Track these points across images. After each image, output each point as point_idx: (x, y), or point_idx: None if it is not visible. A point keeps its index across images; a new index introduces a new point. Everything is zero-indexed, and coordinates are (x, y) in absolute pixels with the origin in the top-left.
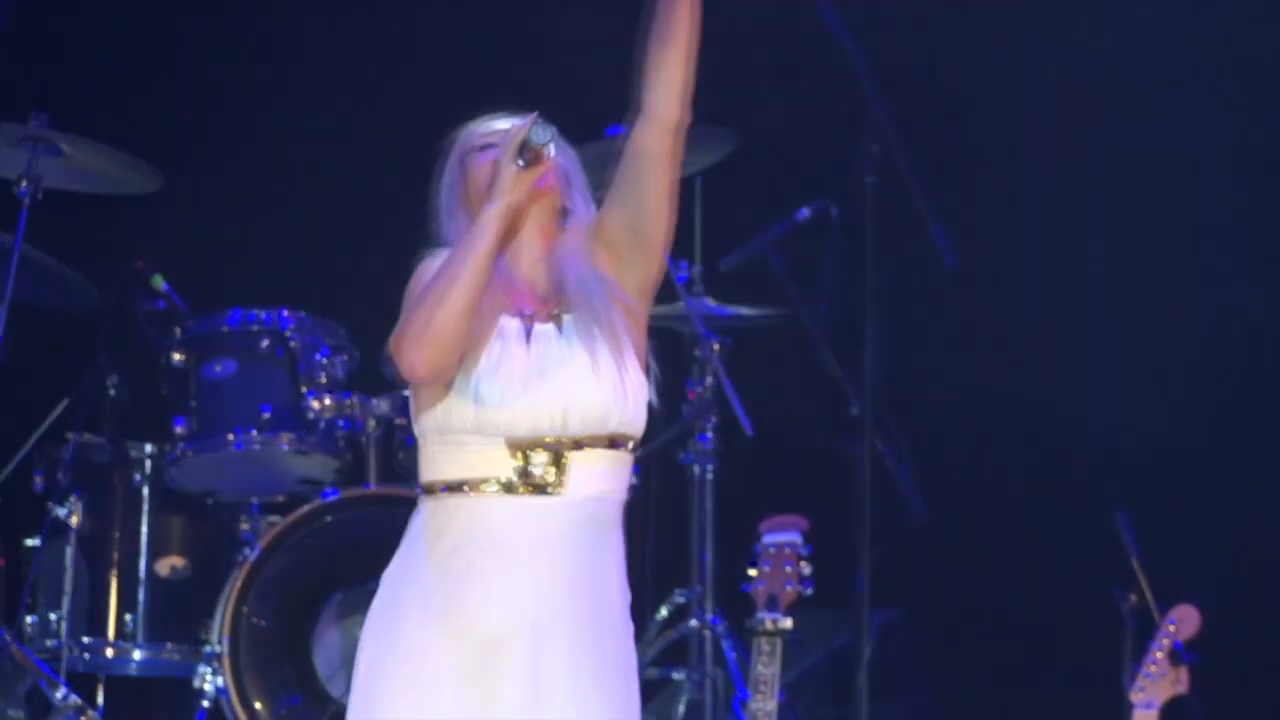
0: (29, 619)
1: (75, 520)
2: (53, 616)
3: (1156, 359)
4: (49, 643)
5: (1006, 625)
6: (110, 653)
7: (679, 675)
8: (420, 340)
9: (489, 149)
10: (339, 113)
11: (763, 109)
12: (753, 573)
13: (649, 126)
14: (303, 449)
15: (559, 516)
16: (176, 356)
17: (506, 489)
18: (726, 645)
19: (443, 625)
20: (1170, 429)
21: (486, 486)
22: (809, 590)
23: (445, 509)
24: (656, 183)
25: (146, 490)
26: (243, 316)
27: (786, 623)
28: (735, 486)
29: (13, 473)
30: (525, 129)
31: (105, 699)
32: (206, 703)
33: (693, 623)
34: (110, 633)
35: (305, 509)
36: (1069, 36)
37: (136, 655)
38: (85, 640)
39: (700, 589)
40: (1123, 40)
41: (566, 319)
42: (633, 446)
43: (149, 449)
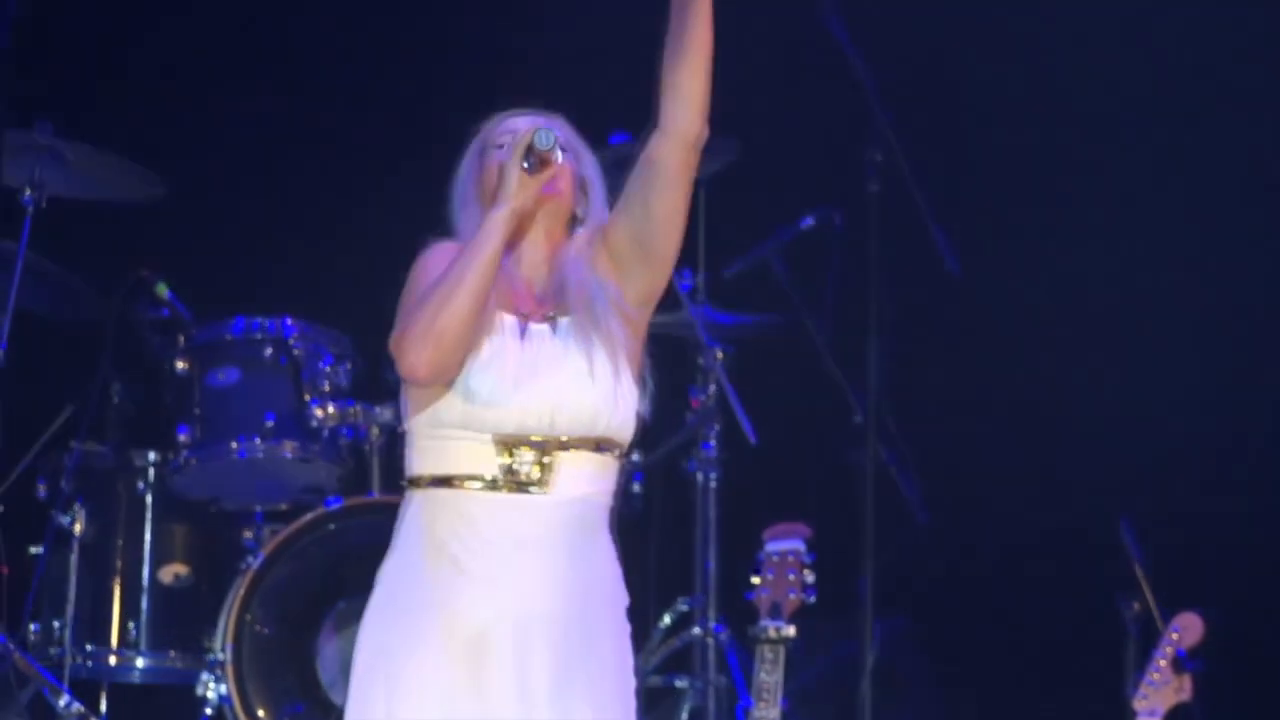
0: (32, 626)
1: (78, 528)
2: (56, 624)
3: (1160, 367)
4: (52, 650)
5: (1010, 633)
6: (113, 660)
7: (682, 683)
8: (423, 342)
9: (504, 148)
10: (344, 120)
11: (766, 117)
12: (756, 580)
13: (665, 139)
14: (306, 457)
15: (544, 516)
16: (180, 364)
17: (492, 486)
18: (730, 653)
19: (434, 625)
20: (1174, 437)
21: (472, 483)
22: (812, 598)
23: (432, 504)
24: (668, 196)
25: (150, 498)
26: (246, 325)
27: (789, 630)
28: (738, 494)
29: (16, 480)
30: (529, 134)
31: (108, 707)
32: (209, 710)
33: (696, 630)
34: (113, 640)
35: (308, 517)
36: (1072, 42)
37: (140, 663)
38: (88, 648)
39: (703, 596)
40: (1126, 43)
41: (563, 321)
42: (619, 453)
43: (152, 457)
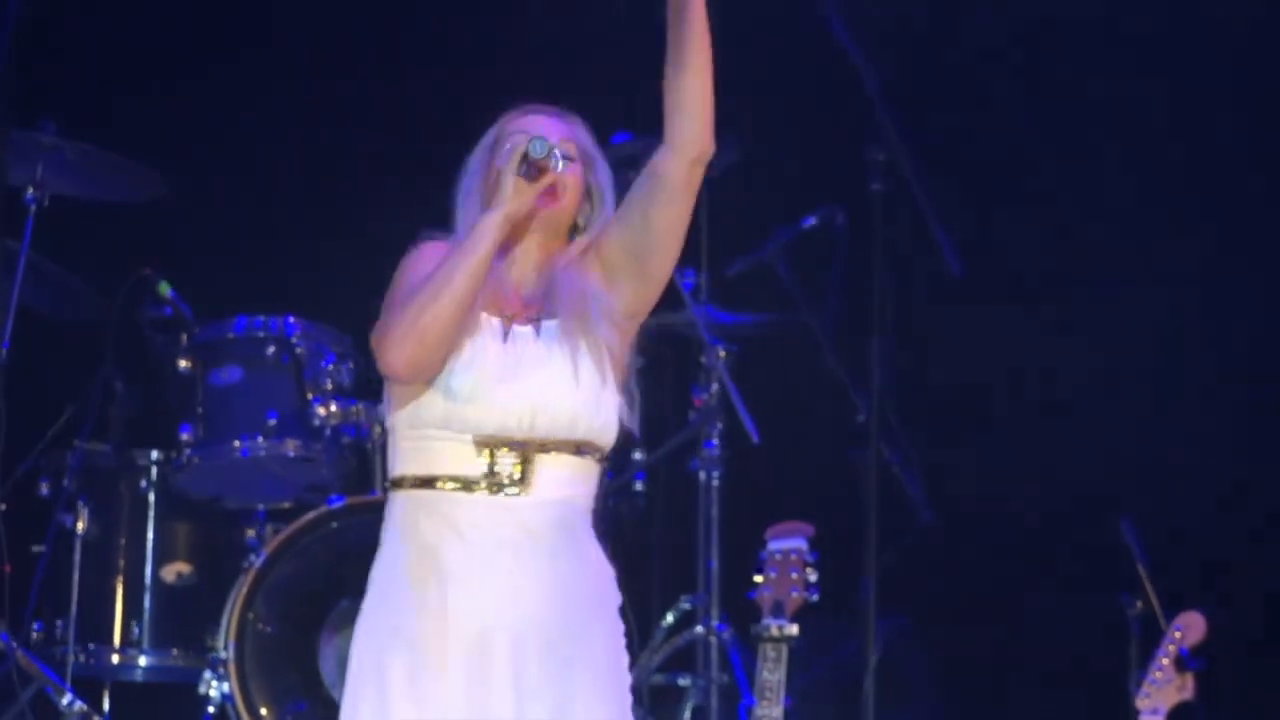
0: (35, 625)
1: (81, 527)
2: (59, 623)
3: (1164, 364)
4: (55, 649)
5: (1013, 632)
6: (116, 659)
7: (685, 681)
8: (405, 340)
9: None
10: (346, 118)
11: (769, 116)
12: (759, 579)
13: (671, 155)
14: (308, 455)
15: (524, 517)
16: (182, 363)
17: (473, 487)
18: (732, 651)
19: (424, 628)
20: (1176, 435)
21: (453, 484)
22: (815, 597)
23: (415, 506)
24: (669, 211)
25: (152, 497)
26: (248, 323)
27: (792, 629)
28: (741, 493)
29: (19, 479)
30: (525, 142)
31: (111, 705)
32: (212, 709)
33: (699, 629)
34: (116, 639)
35: (311, 515)
36: (1077, 42)
37: (142, 661)
38: (91, 646)
39: (706, 595)
40: (1131, 44)
41: (547, 324)
42: (600, 457)
43: (155, 455)
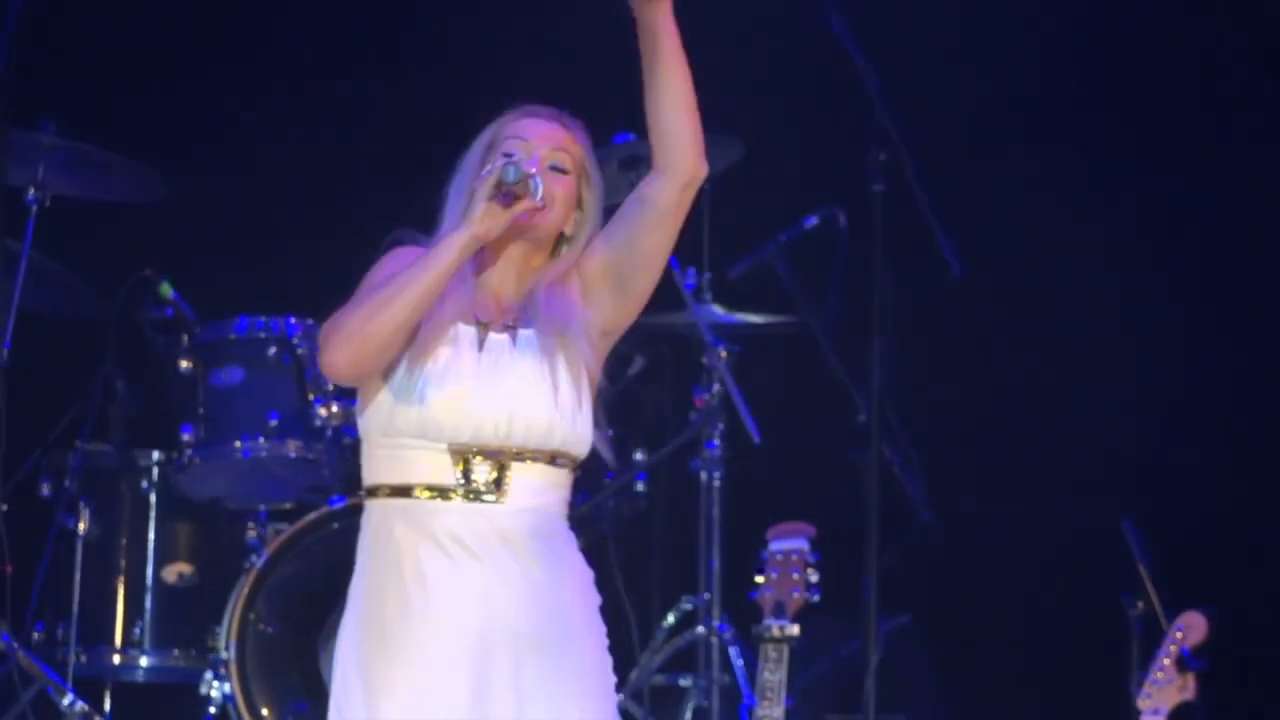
0: (36, 626)
1: (82, 527)
2: (60, 623)
3: (1164, 364)
4: (56, 650)
5: (1014, 632)
6: (117, 659)
7: (686, 682)
8: (348, 342)
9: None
10: (347, 118)
11: (770, 116)
12: (760, 579)
13: (660, 179)
14: (310, 456)
15: (501, 525)
16: (184, 364)
17: (448, 495)
18: (734, 652)
19: (406, 638)
20: (1177, 435)
21: (429, 493)
22: (816, 597)
23: (390, 514)
24: (656, 235)
25: (154, 497)
26: (250, 324)
27: (793, 629)
28: (742, 493)
29: (20, 480)
30: (500, 169)
31: (112, 706)
32: (213, 709)
33: (700, 629)
34: (117, 639)
35: (312, 516)
36: (1078, 43)
37: (143, 662)
38: (92, 647)
39: (707, 596)
40: (1132, 46)
41: (523, 333)
42: (574, 466)
43: (156, 456)
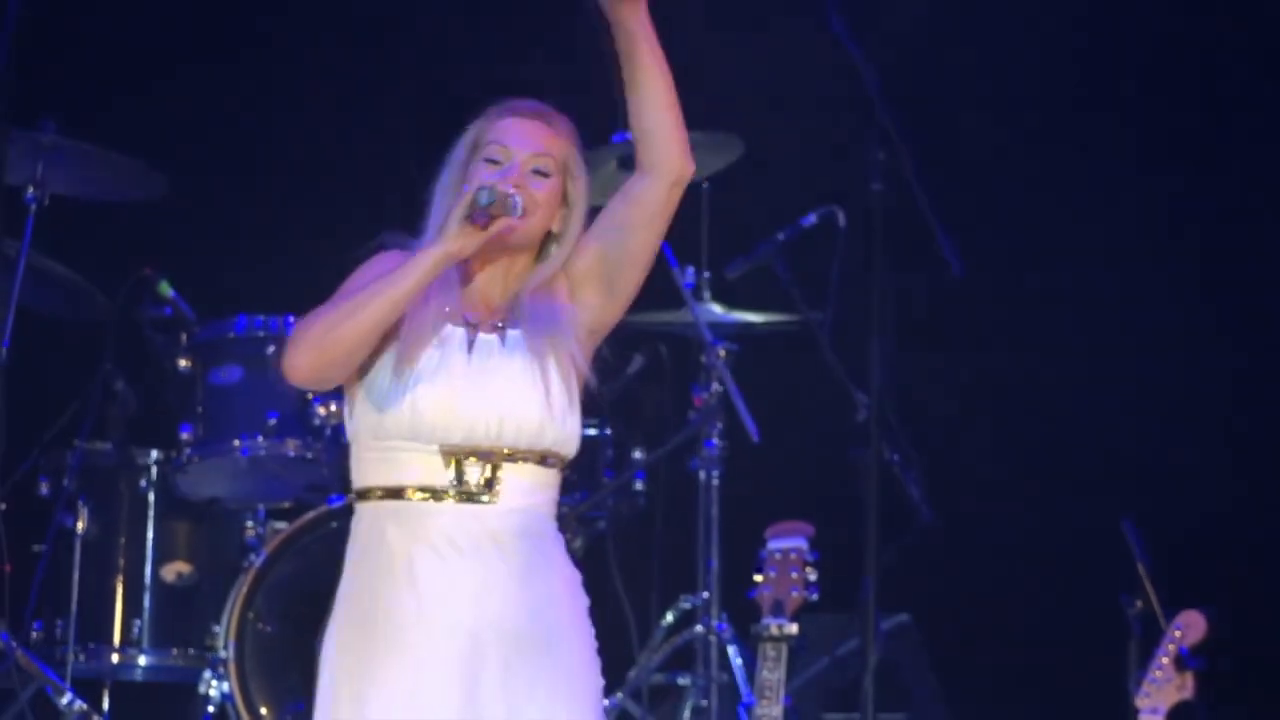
0: (35, 625)
1: (81, 526)
2: (58, 622)
3: (1164, 364)
4: (55, 649)
5: (1013, 631)
6: (116, 658)
7: (684, 680)
8: (311, 347)
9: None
10: (346, 117)
11: (769, 115)
12: (758, 578)
13: (647, 179)
14: (308, 455)
15: (492, 525)
16: (183, 363)
17: (441, 496)
18: (732, 651)
19: (396, 640)
20: (1177, 435)
21: (421, 494)
22: (815, 596)
23: (382, 516)
24: (643, 235)
25: (152, 496)
26: (249, 323)
27: (792, 628)
28: (741, 492)
29: (19, 479)
30: (473, 192)
31: (111, 705)
32: (212, 708)
33: (699, 628)
34: (116, 639)
35: (311, 515)
36: (1078, 43)
37: (142, 661)
38: (91, 646)
39: (706, 594)
40: (1132, 46)
41: (512, 333)
42: (563, 467)
43: (155, 455)
